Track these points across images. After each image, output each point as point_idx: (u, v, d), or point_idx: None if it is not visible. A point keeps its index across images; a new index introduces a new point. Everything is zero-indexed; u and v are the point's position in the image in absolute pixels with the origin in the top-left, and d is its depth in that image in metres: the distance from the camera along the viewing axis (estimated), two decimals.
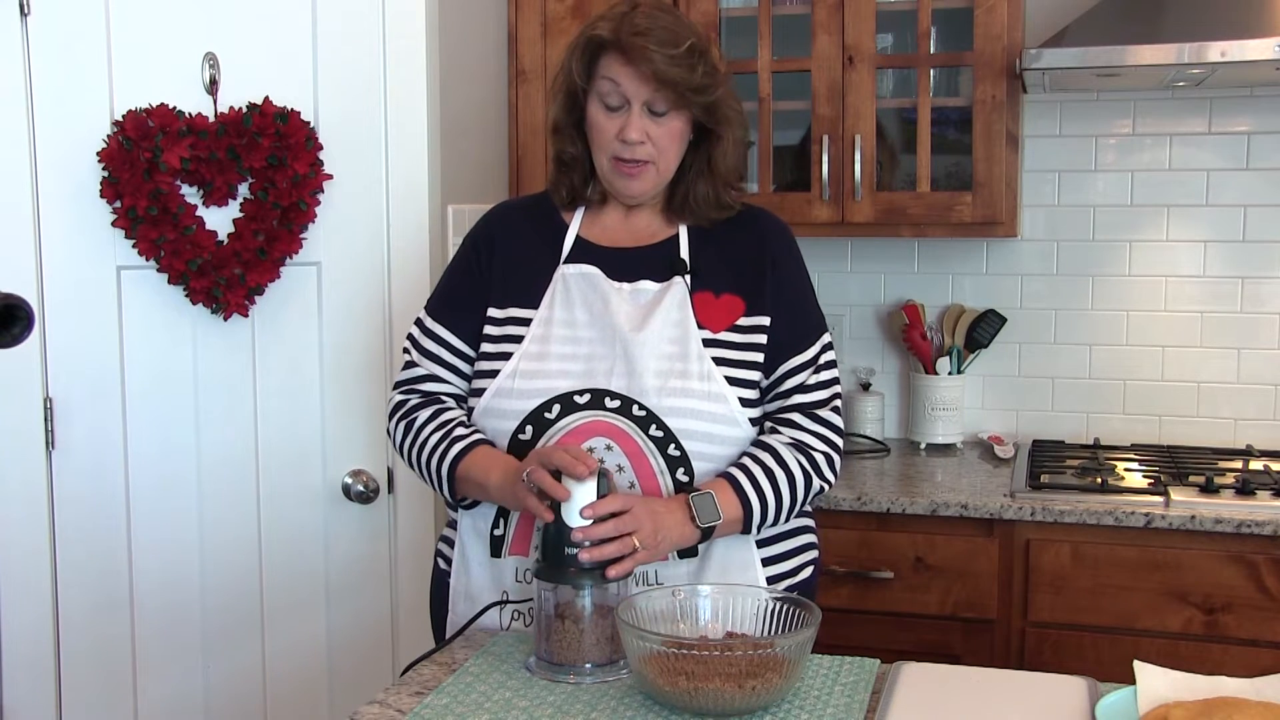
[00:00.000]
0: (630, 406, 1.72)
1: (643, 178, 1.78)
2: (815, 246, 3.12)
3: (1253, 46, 2.43)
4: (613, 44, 1.73)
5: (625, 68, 1.73)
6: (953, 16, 2.80)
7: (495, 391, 1.77)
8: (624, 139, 1.74)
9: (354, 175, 2.43)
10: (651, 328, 1.74)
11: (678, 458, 1.72)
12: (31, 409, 2.33)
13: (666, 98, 1.73)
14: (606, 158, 1.78)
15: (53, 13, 2.29)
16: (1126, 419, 3.02)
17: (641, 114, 1.74)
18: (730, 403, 1.75)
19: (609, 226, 1.86)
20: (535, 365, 1.76)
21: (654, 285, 1.79)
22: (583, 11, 2.89)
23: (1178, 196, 2.95)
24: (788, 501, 1.76)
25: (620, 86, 1.74)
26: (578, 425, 1.72)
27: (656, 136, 1.75)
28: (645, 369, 1.72)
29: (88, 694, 2.39)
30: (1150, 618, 2.43)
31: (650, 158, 1.76)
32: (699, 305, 1.78)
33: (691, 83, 1.72)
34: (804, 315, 1.84)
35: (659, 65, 1.70)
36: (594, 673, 1.57)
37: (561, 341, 1.77)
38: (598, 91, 1.76)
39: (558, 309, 1.79)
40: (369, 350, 2.47)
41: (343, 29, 2.42)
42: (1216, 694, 1.42)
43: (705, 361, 1.74)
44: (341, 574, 2.50)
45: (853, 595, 2.58)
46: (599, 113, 1.77)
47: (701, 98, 1.75)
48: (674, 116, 1.76)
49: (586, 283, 1.80)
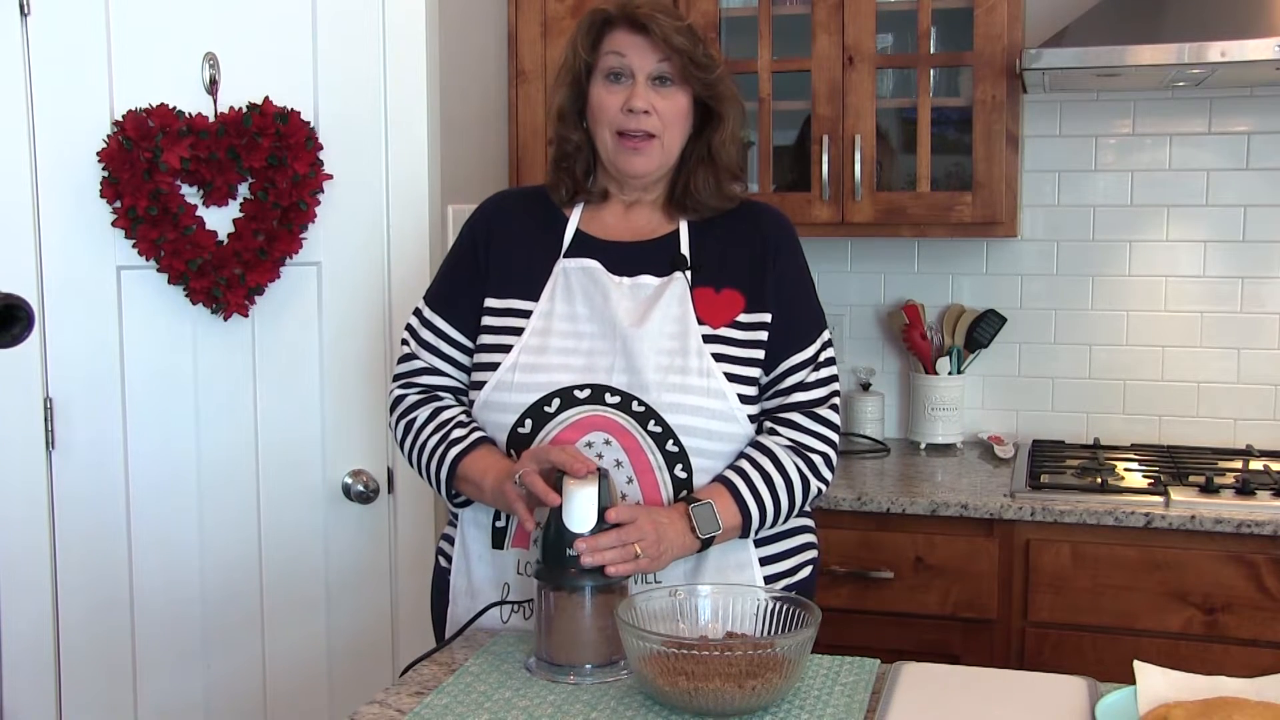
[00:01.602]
0: (630, 402, 1.72)
1: (648, 153, 1.78)
2: (815, 246, 3.10)
3: (1253, 46, 2.43)
4: (619, 18, 1.77)
5: (632, 37, 1.76)
6: (953, 16, 2.80)
7: (495, 385, 1.77)
8: (630, 108, 1.75)
9: (354, 175, 2.43)
10: (651, 323, 1.75)
11: (676, 454, 1.72)
12: (31, 409, 2.33)
13: (673, 67, 1.76)
14: (611, 134, 1.78)
15: (53, 13, 2.29)
16: (1126, 419, 3.02)
17: (646, 85, 1.76)
18: (729, 399, 1.75)
19: (609, 222, 1.86)
20: (535, 359, 1.76)
21: (654, 280, 1.79)
22: (583, 11, 2.89)
23: (1178, 196, 2.95)
24: (785, 506, 1.77)
25: (626, 58, 1.76)
26: (577, 419, 1.72)
27: (662, 109, 1.76)
28: (645, 364, 1.72)
29: (88, 694, 2.39)
30: (1150, 618, 2.43)
31: (655, 130, 1.77)
32: (699, 301, 1.78)
33: (696, 55, 1.76)
34: (804, 312, 1.84)
35: (666, 31, 1.74)
36: (594, 673, 1.57)
37: (562, 335, 1.77)
38: (602, 67, 1.78)
39: (558, 302, 1.79)
40: (369, 350, 2.47)
41: (343, 29, 2.42)
42: (1216, 694, 1.42)
43: (705, 358, 1.74)
44: (341, 574, 2.50)
45: (853, 595, 2.58)
46: (602, 89, 1.78)
47: (704, 74, 1.77)
48: (678, 91, 1.78)
49: (587, 276, 1.80)
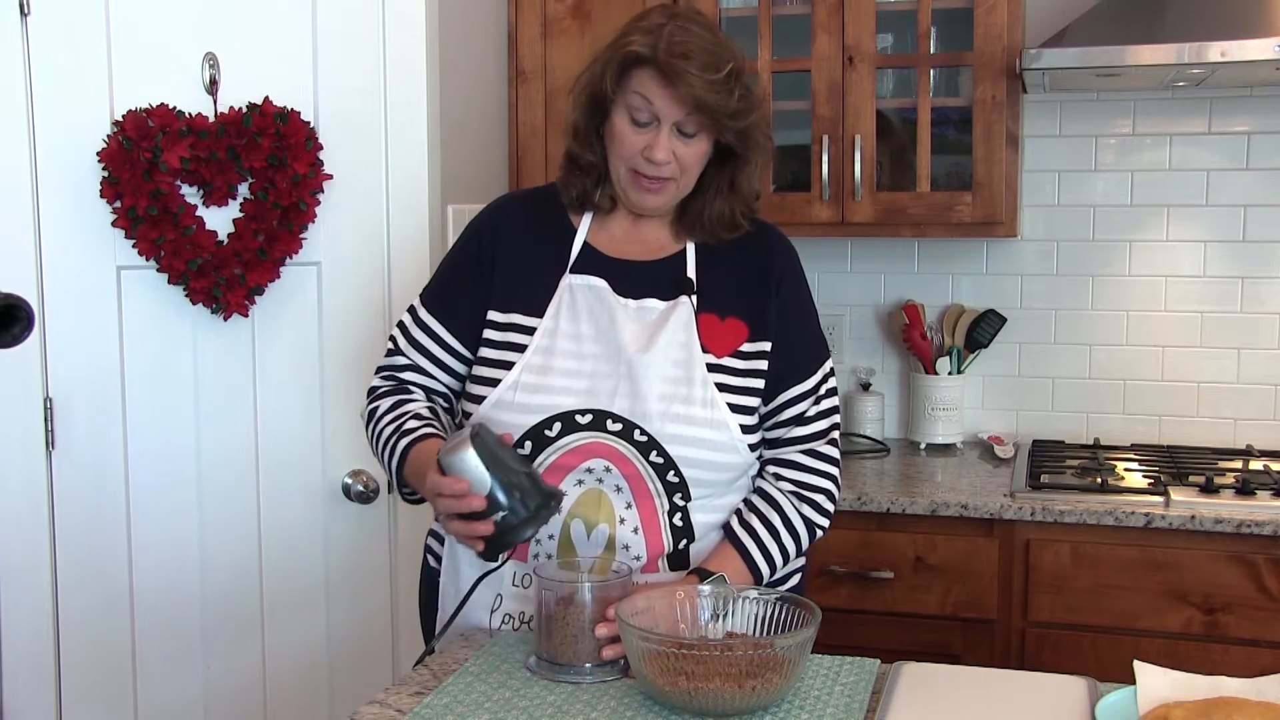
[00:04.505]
0: (632, 430, 1.70)
1: (662, 194, 1.74)
2: (815, 246, 3.13)
3: (1253, 46, 2.43)
4: (650, 61, 1.66)
5: (662, 88, 1.66)
6: (953, 16, 2.80)
7: (495, 402, 1.74)
8: (650, 158, 1.69)
9: (354, 175, 2.43)
10: (657, 349, 1.72)
11: (676, 484, 1.72)
12: (31, 409, 2.33)
13: (700, 121, 1.68)
14: (625, 169, 1.72)
15: (53, 13, 2.28)
16: (1126, 419, 3.02)
17: (670, 134, 1.68)
18: (732, 430, 1.73)
19: (617, 235, 1.82)
20: (538, 379, 1.73)
21: (660, 304, 1.76)
22: (583, 11, 2.90)
23: (1178, 196, 2.95)
24: (793, 554, 1.78)
25: (653, 105, 1.67)
26: (577, 446, 1.70)
27: (683, 156, 1.70)
28: (649, 392, 1.70)
29: (88, 694, 2.39)
30: (1150, 618, 2.43)
31: (673, 175, 1.71)
32: (704, 327, 1.75)
33: (728, 109, 1.67)
34: (806, 343, 1.82)
35: (698, 91, 1.64)
36: (594, 673, 1.57)
37: (566, 355, 1.74)
38: (627, 104, 1.69)
39: (563, 320, 1.75)
40: (369, 350, 2.46)
41: (343, 29, 2.42)
42: (1216, 694, 1.42)
43: (709, 388, 1.72)
44: (341, 574, 2.50)
45: (853, 595, 2.58)
46: (625, 124, 1.70)
47: (735, 123, 1.69)
48: (702, 139, 1.71)
49: (593, 295, 1.76)
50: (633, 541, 1.71)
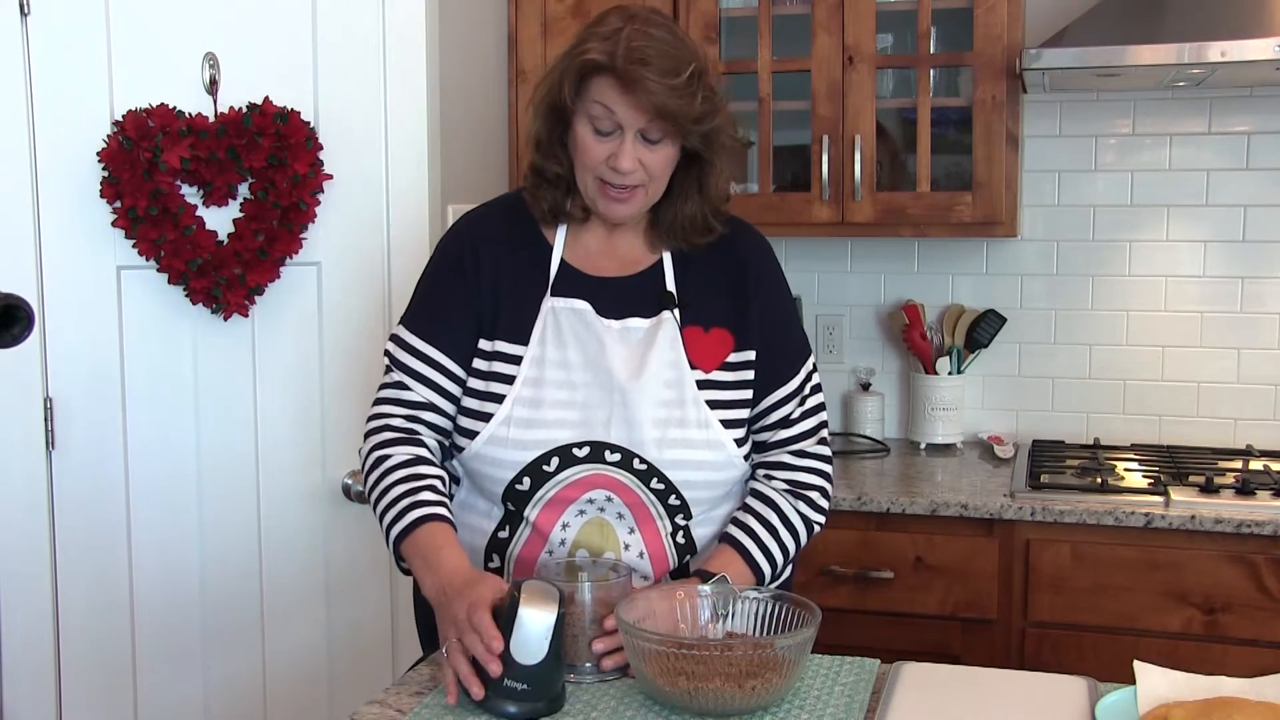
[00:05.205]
0: (631, 460, 1.68)
1: (631, 202, 1.69)
2: (815, 246, 3.13)
3: (1253, 46, 2.43)
4: (608, 69, 1.60)
5: (622, 96, 1.60)
6: (953, 16, 2.80)
7: (489, 439, 1.70)
8: (616, 167, 1.64)
9: (354, 175, 2.43)
10: (648, 373, 1.69)
11: (678, 506, 1.72)
12: (31, 409, 2.33)
13: (663, 127, 1.63)
14: (592, 179, 1.68)
15: (53, 13, 2.28)
16: (1126, 419, 3.02)
17: (635, 141, 1.63)
18: (728, 447, 1.73)
19: (593, 250, 1.77)
20: (530, 412, 1.69)
21: (644, 322, 1.72)
22: (583, 11, 2.89)
23: (1178, 196, 2.95)
24: (793, 551, 1.78)
25: (614, 114, 1.62)
26: (578, 479, 1.69)
27: (650, 164, 1.65)
28: (644, 419, 1.68)
29: (88, 694, 2.39)
30: (1150, 618, 2.43)
31: (641, 182, 1.67)
32: (690, 342, 1.72)
33: (691, 113, 1.62)
34: (787, 344, 1.80)
35: (659, 98, 1.59)
36: (594, 673, 1.57)
37: (556, 386, 1.70)
38: (588, 114, 1.64)
39: (549, 348, 1.70)
40: (369, 350, 2.46)
41: (343, 29, 2.41)
42: (1216, 694, 1.42)
43: (701, 407, 1.71)
44: (341, 574, 2.50)
45: (853, 595, 2.58)
46: (588, 134, 1.65)
47: (700, 127, 1.65)
48: (668, 144, 1.66)
49: (577, 319, 1.71)
50: (639, 565, 1.72)
